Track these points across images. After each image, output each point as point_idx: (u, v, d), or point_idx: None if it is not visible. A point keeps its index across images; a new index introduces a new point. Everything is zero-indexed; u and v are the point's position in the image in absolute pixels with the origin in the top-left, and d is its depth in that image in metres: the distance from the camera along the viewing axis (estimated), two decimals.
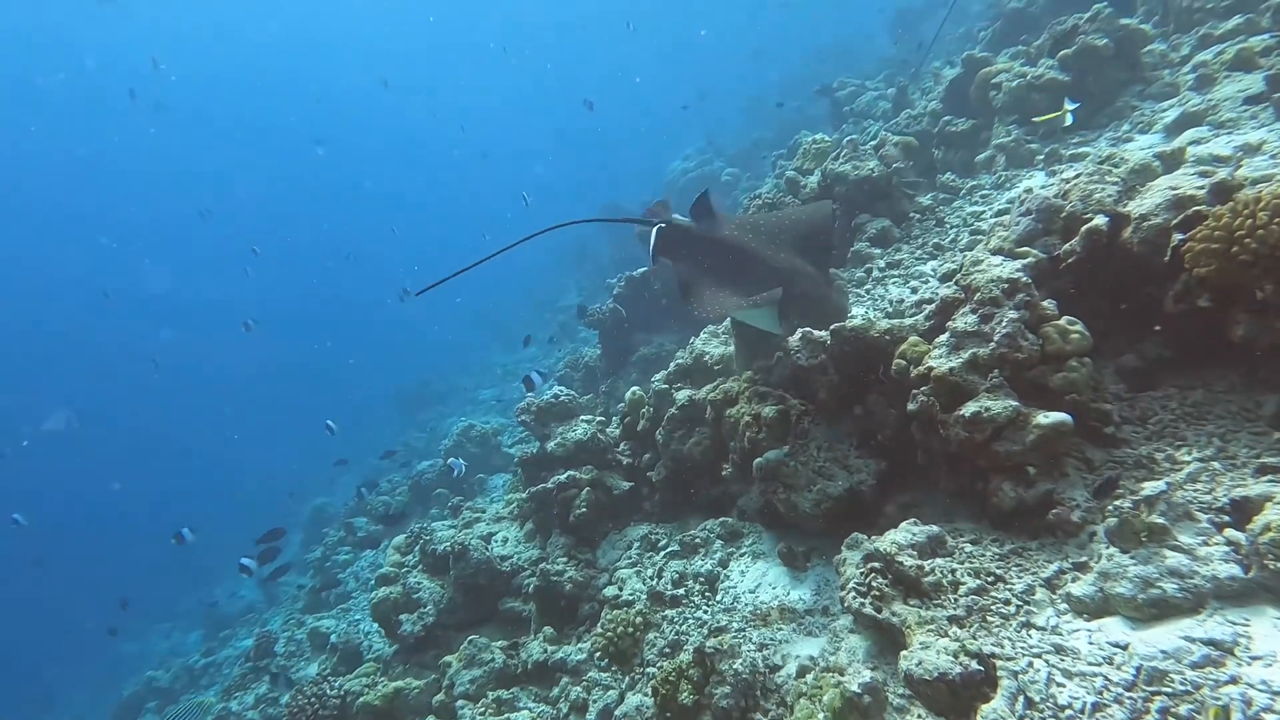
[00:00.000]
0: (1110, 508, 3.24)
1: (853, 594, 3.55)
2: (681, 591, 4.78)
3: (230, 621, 14.49)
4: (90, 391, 42.92)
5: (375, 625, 6.29)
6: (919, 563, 3.49)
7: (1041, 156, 6.72)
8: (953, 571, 3.54)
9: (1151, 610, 2.86)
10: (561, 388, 6.52)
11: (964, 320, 3.95)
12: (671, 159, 25.01)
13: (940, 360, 3.93)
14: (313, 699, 5.50)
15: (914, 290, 5.51)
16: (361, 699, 5.34)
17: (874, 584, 3.51)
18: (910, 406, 4.08)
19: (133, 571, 25.03)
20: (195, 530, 8.80)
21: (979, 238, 5.81)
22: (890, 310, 5.44)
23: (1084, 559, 3.31)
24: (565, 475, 5.80)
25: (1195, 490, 3.19)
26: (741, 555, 4.91)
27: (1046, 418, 3.55)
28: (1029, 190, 6.03)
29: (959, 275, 4.15)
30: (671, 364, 6.21)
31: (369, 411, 26.85)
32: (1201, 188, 3.80)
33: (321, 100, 51.64)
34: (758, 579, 4.63)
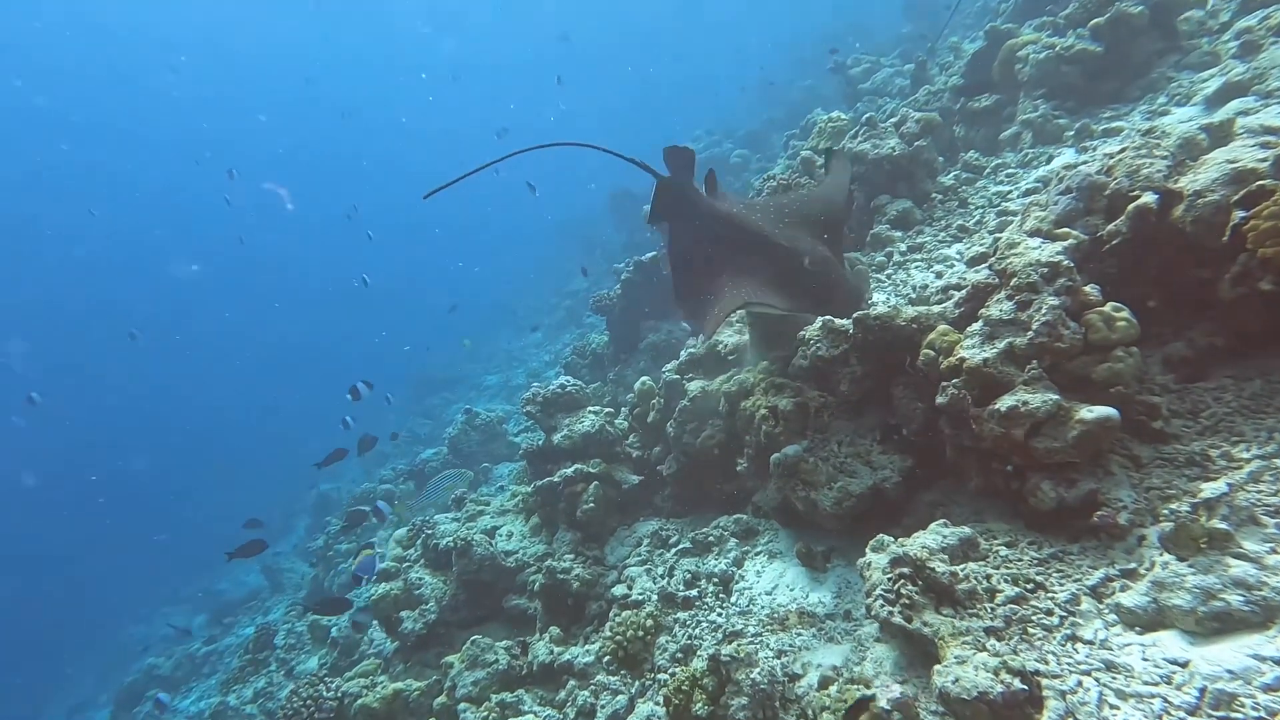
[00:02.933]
0: (1166, 511, 2.98)
1: (880, 601, 3.30)
2: (694, 592, 4.55)
3: (234, 608, 14.41)
4: (104, 371, 43.18)
5: (375, 621, 6.09)
6: (951, 569, 3.24)
7: (1071, 133, 6.38)
8: (988, 577, 3.29)
9: (1214, 624, 2.59)
10: (568, 377, 6.27)
11: (999, 307, 3.67)
12: (679, 140, 24.58)
13: (973, 350, 3.65)
14: (309, 701, 5.32)
15: (938, 275, 5.23)
16: (360, 701, 5.15)
17: (903, 591, 3.25)
18: (939, 399, 3.81)
19: (142, 553, 25.14)
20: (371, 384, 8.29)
21: (1006, 219, 5.51)
22: (913, 296, 5.16)
23: (1132, 565, 3.05)
24: (572, 469, 5.57)
25: (1259, 492, 2.92)
26: (757, 554, 4.67)
27: (1090, 412, 3.27)
28: (1067, 166, 5.73)
29: (993, 259, 3.86)
30: (683, 352, 5.95)
31: (382, 393, 26.64)
32: (1264, 160, 3.49)
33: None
34: (775, 580, 4.39)
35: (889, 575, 3.36)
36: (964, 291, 4.16)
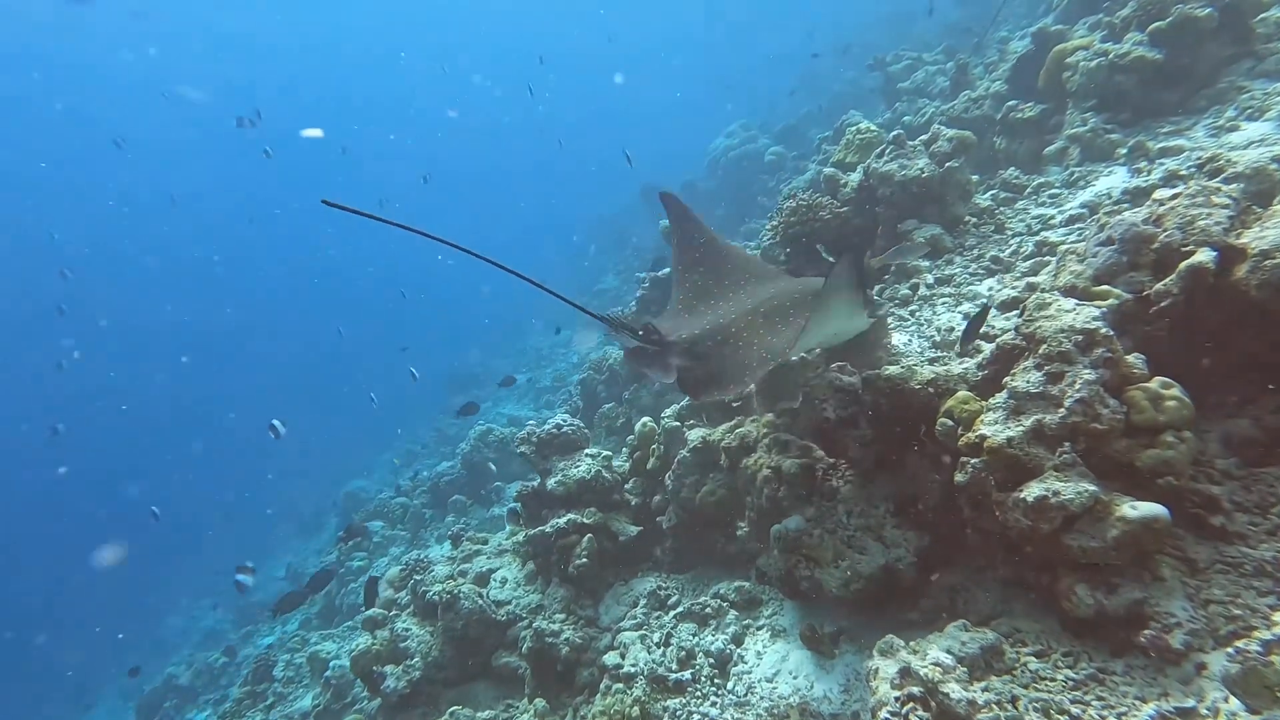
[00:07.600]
0: (1232, 650, 2.48)
1: None
2: (688, 674, 4.14)
3: (259, 611, 14.32)
4: (132, 372, 44.08)
5: None
6: (969, 695, 2.78)
7: (1124, 150, 5.75)
8: (1014, 702, 2.82)
9: None
10: (565, 416, 5.89)
11: (1025, 378, 3.18)
12: (714, 135, 23.83)
13: (995, 427, 3.17)
14: None
15: (966, 317, 4.70)
16: None
17: (912, 718, 2.82)
18: (959, 477, 3.34)
19: (181, 547, 25.58)
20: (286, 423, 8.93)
21: (1044, 255, 4.96)
22: (938, 339, 4.66)
23: (1190, 703, 2.55)
24: (565, 520, 5.20)
25: None
26: (759, 629, 4.25)
27: (1135, 510, 2.78)
28: (1108, 196, 5.15)
29: (1021, 321, 3.36)
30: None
31: (416, 391, 26.67)
32: None
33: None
34: (776, 664, 3.97)
35: (897, 694, 2.93)
36: (988, 351, 3.68)
